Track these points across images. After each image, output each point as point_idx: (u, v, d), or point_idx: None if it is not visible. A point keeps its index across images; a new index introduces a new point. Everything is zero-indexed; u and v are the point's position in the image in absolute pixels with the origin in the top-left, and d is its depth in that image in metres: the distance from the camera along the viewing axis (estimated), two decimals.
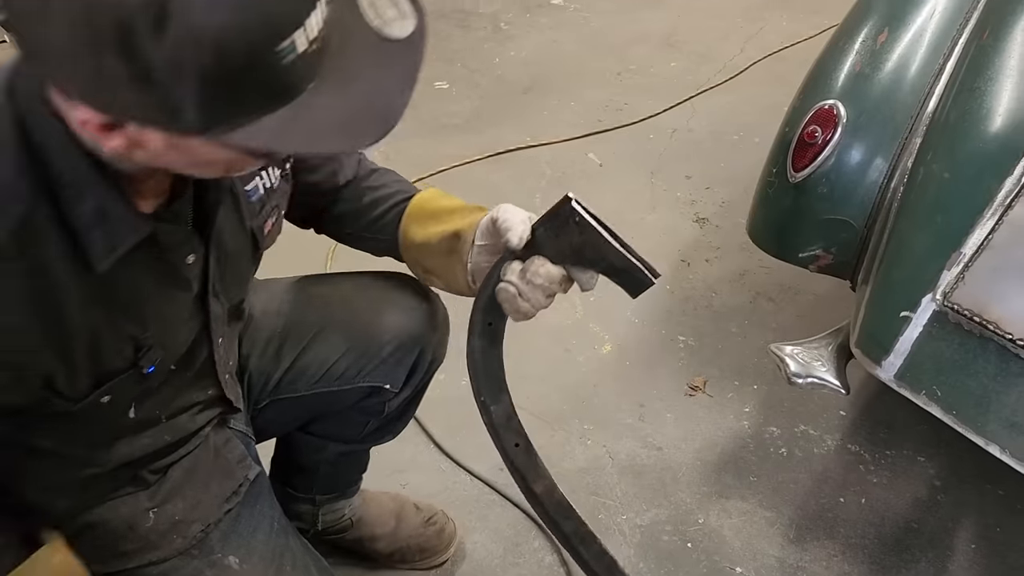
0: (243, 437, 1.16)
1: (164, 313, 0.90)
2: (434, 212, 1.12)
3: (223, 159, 0.71)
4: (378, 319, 1.20)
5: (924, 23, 1.50)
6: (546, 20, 3.83)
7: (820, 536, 1.60)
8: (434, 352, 1.26)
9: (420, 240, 1.11)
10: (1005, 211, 1.24)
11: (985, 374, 1.23)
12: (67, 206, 0.74)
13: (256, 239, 1.01)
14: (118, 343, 0.86)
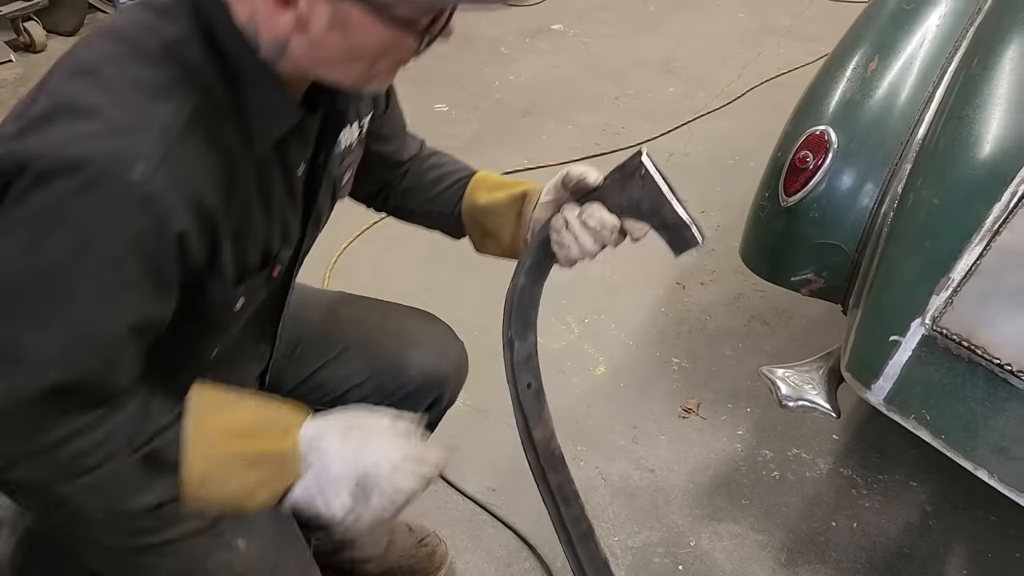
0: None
1: (283, 216, 0.94)
2: (498, 182, 1.18)
3: (375, 44, 0.78)
4: (407, 354, 1.24)
5: (914, 51, 1.52)
6: (546, 45, 3.87)
7: (811, 560, 1.60)
8: (451, 394, 1.30)
9: (484, 202, 1.16)
10: (993, 237, 1.25)
11: (974, 399, 1.24)
12: (239, 90, 0.81)
13: (335, 188, 1.06)
14: (255, 236, 0.90)
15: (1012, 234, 1.23)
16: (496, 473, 1.76)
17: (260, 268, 0.93)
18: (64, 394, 0.77)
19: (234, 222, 0.85)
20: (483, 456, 1.80)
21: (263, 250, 0.92)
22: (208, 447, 0.84)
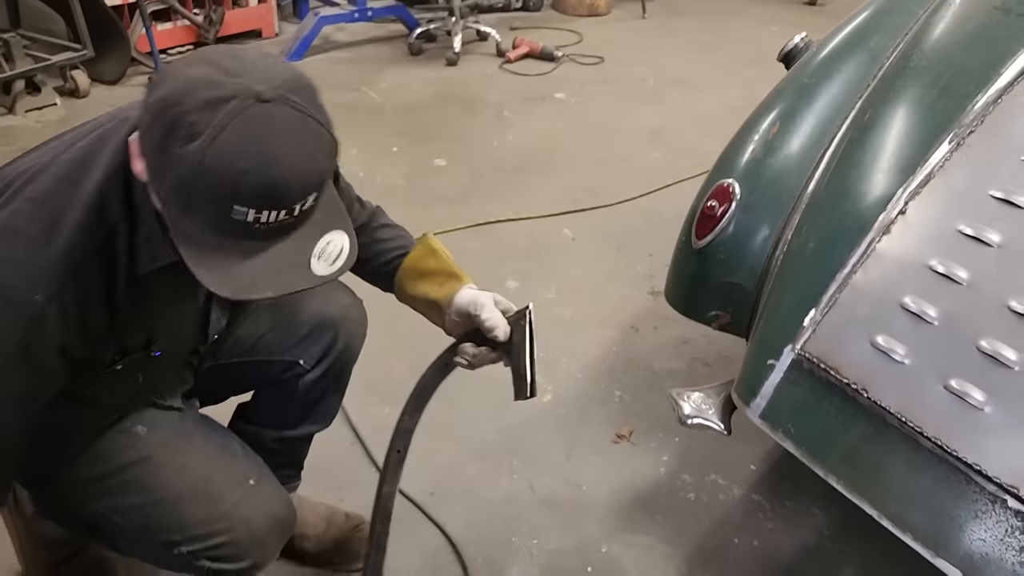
0: (183, 382, 1.42)
1: (175, 315, 1.22)
2: (422, 272, 1.36)
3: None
4: (300, 304, 1.47)
5: (811, 118, 1.74)
6: (546, 111, 4.16)
7: (710, 571, 1.75)
8: (347, 340, 1.49)
9: (410, 294, 1.38)
10: (850, 275, 1.44)
11: (828, 414, 1.42)
12: (135, 227, 1.05)
13: None
14: (138, 331, 1.16)
15: (865, 274, 1.43)
16: (435, 479, 1.94)
17: (141, 349, 1.19)
18: None
19: (116, 324, 1.11)
20: (426, 463, 1.98)
21: (146, 338, 1.18)
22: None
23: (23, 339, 1.01)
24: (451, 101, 4.24)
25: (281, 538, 1.36)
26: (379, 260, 1.41)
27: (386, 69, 4.71)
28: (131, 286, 1.09)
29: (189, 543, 1.25)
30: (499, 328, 1.23)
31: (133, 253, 1.07)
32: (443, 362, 1.29)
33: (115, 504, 1.27)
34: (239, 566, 1.29)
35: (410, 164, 3.55)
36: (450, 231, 2.99)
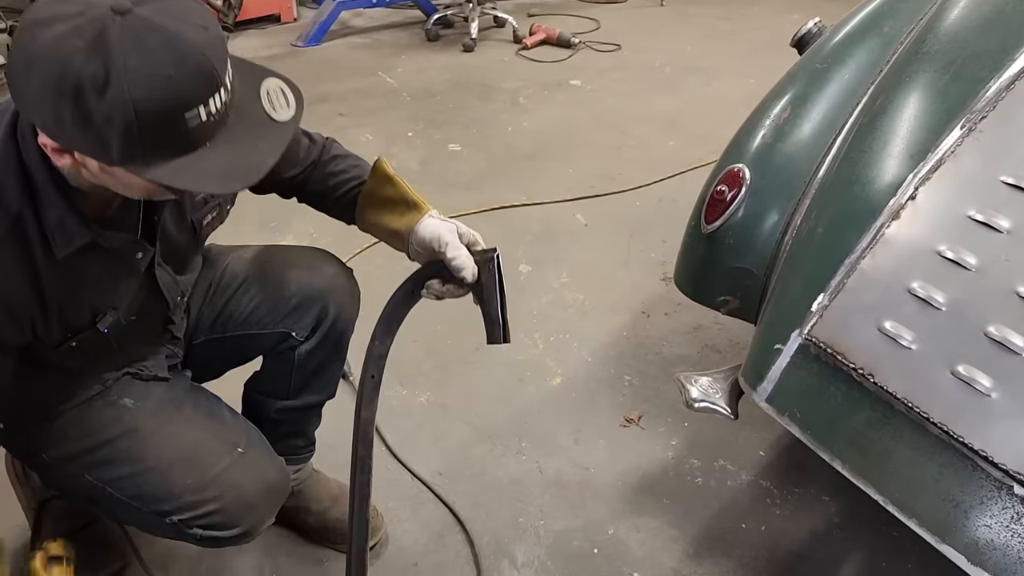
0: (172, 356, 1.45)
1: (116, 289, 1.21)
2: (380, 201, 1.36)
3: (140, 186, 0.98)
4: (287, 275, 1.49)
5: (822, 103, 1.73)
6: (562, 98, 4.15)
7: (717, 555, 1.76)
8: (337, 309, 1.50)
9: (371, 223, 1.38)
10: (858, 260, 1.44)
11: (835, 399, 1.42)
12: (41, 212, 1.05)
13: (196, 229, 1.30)
14: (78, 309, 1.17)
15: (873, 260, 1.42)
16: (444, 460, 1.96)
17: (88, 327, 1.20)
18: None
19: (51, 307, 1.12)
20: (436, 444, 2.00)
21: (91, 315, 1.19)
22: None
23: None
24: (467, 87, 4.24)
25: (274, 503, 1.37)
26: (337, 192, 1.42)
27: (403, 55, 4.72)
28: (54, 270, 1.09)
29: (179, 512, 1.27)
30: (467, 270, 1.20)
31: (46, 239, 1.06)
32: (409, 289, 1.26)
33: (105, 476, 1.29)
34: (231, 533, 1.31)
35: (425, 149, 3.56)
36: (464, 215, 3.00)
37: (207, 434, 1.33)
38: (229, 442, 1.34)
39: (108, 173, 0.96)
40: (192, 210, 1.27)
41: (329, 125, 3.77)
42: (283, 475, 1.39)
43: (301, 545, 1.73)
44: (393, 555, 1.73)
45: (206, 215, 1.31)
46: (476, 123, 3.82)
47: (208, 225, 1.33)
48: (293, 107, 1.01)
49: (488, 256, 1.22)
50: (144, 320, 1.30)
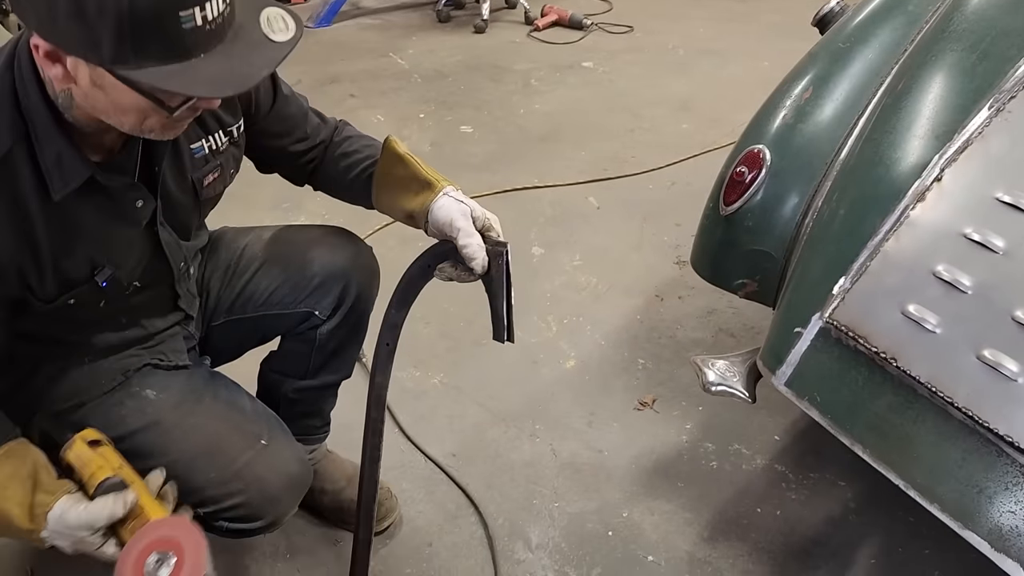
0: (189, 338, 1.43)
1: (115, 240, 1.18)
2: (393, 182, 1.35)
3: (132, 104, 0.96)
4: (309, 255, 1.47)
5: (845, 83, 1.70)
6: (574, 79, 4.12)
7: (731, 538, 1.75)
8: (359, 288, 1.49)
9: (387, 206, 1.37)
10: (881, 243, 1.42)
11: (856, 383, 1.40)
12: (37, 150, 1.03)
13: (196, 189, 1.28)
14: (75, 260, 1.13)
15: (897, 242, 1.40)
16: (458, 441, 1.95)
17: (85, 282, 1.17)
18: None
19: (45, 256, 1.09)
20: (450, 426, 1.99)
21: (89, 268, 1.16)
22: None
23: None
24: (479, 69, 4.21)
25: (296, 495, 1.36)
26: (350, 175, 1.40)
27: (414, 36, 4.68)
28: (50, 214, 1.06)
29: (204, 505, 1.26)
30: (477, 261, 1.18)
31: (41, 179, 1.04)
32: (425, 264, 1.25)
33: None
34: (257, 525, 1.30)
35: (437, 130, 3.53)
36: (476, 197, 2.96)
37: (229, 426, 1.31)
38: (252, 434, 1.32)
39: (99, 87, 0.94)
40: (192, 169, 1.25)
41: (341, 106, 3.75)
42: (305, 467, 1.38)
43: (316, 525, 1.72)
44: (407, 536, 1.72)
45: (207, 175, 1.28)
46: (488, 105, 3.79)
47: (209, 186, 1.30)
48: (292, 30, 0.99)
49: (498, 251, 1.20)
50: (149, 289, 1.29)
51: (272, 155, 1.42)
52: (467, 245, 1.18)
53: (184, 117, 1.03)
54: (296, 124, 1.40)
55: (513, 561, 1.67)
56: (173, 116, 0.99)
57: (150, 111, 0.98)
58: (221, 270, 1.49)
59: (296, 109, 1.41)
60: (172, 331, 1.41)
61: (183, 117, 1.02)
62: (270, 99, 1.35)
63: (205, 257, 1.49)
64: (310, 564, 1.66)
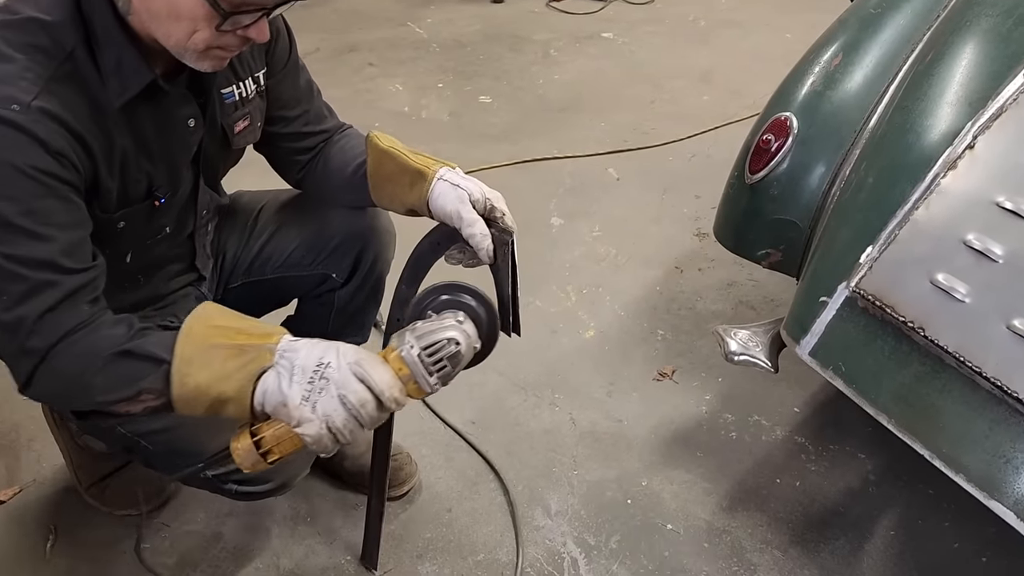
0: (201, 298, 1.44)
1: (170, 160, 1.19)
2: (385, 178, 1.31)
3: (188, 9, 0.97)
4: (328, 216, 1.47)
5: (875, 50, 1.68)
6: (594, 50, 4.08)
7: (750, 508, 1.75)
8: (376, 252, 1.49)
9: (387, 203, 1.35)
10: (911, 211, 1.40)
11: (882, 353, 1.39)
12: (97, 53, 1.03)
13: (227, 135, 1.28)
14: (137, 172, 1.14)
15: (927, 210, 1.38)
16: (477, 409, 1.96)
17: (142, 200, 1.17)
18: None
19: (112, 160, 1.09)
20: (469, 393, 1.99)
21: (147, 186, 1.16)
22: (200, 337, 1.02)
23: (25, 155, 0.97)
24: (497, 38, 4.17)
25: (307, 458, 1.36)
26: (348, 169, 1.38)
27: (432, 5, 4.64)
28: (114, 117, 1.07)
29: (213, 467, 1.24)
30: (483, 251, 1.17)
31: (104, 83, 1.05)
32: (435, 241, 1.24)
33: (139, 429, 1.28)
34: (265, 487, 1.30)
35: (455, 100, 3.51)
36: (495, 167, 2.97)
37: None
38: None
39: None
40: (223, 115, 1.25)
41: (359, 75, 3.73)
42: None
43: (336, 488, 1.73)
44: (427, 501, 1.73)
45: (237, 121, 1.29)
46: (507, 75, 3.76)
47: (239, 135, 1.30)
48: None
49: (504, 239, 1.18)
50: (173, 237, 1.29)
51: (277, 133, 1.40)
52: (471, 235, 1.17)
53: (226, 44, 1.03)
54: (304, 97, 1.40)
55: (532, 527, 1.68)
56: (220, 29, 1.00)
57: (201, 21, 0.99)
58: (238, 232, 1.50)
59: (306, 84, 1.41)
60: (184, 291, 1.42)
61: (226, 43, 1.03)
62: (286, 54, 1.35)
63: (222, 219, 1.48)
64: (330, 528, 1.66)
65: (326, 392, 0.97)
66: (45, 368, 1.02)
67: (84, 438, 1.65)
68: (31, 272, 0.99)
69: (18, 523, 1.65)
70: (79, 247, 1.04)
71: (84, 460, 1.66)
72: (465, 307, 1.11)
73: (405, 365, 1.03)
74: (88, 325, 1.03)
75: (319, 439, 0.98)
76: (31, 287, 0.99)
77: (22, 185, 0.97)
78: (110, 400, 1.03)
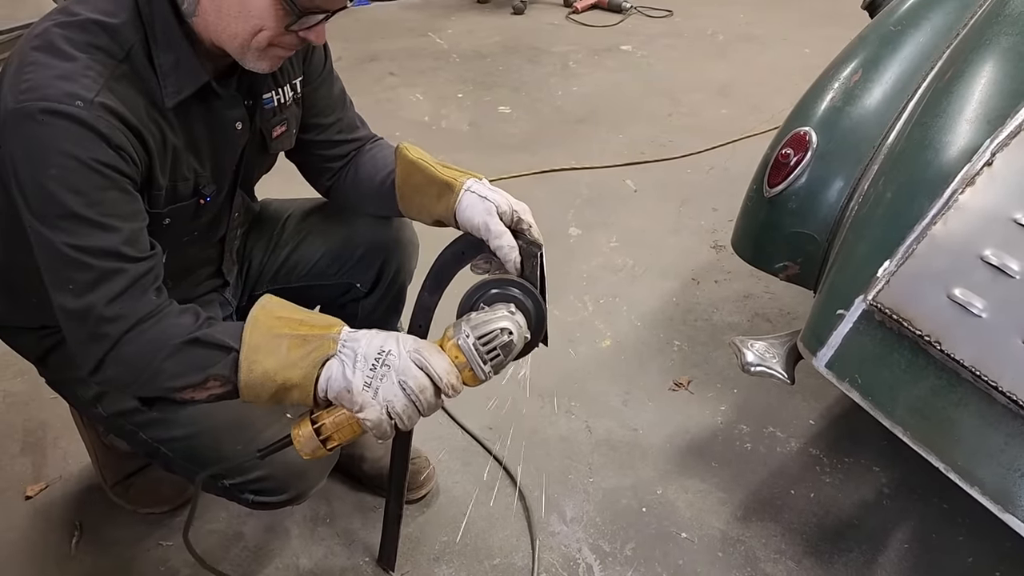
0: (225, 304, 1.47)
1: (217, 160, 1.23)
2: (413, 189, 1.33)
3: (260, 7, 1.02)
4: (354, 226, 1.51)
5: (895, 67, 1.70)
6: (612, 63, 4.11)
7: (765, 518, 1.76)
8: (399, 262, 1.53)
9: (415, 214, 1.36)
10: (929, 226, 1.41)
11: (898, 366, 1.40)
12: (154, 54, 1.08)
13: (265, 139, 1.32)
14: (187, 171, 1.18)
15: (945, 226, 1.40)
16: (494, 415, 1.97)
17: (189, 197, 1.21)
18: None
19: (165, 157, 1.13)
20: (487, 400, 2.01)
21: (194, 184, 1.20)
22: (266, 327, 1.05)
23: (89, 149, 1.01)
24: (517, 50, 4.22)
25: (322, 468, 1.37)
26: (378, 177, 1.40)
27: (453, 16, 4.69)
28: (168, 115, 1.11)
29: (230, 476, 1.28)
30: (510, 262, 1.19)
31: (161, 82, 1.09)
32: (460, 250, 1.26)
33: (159, 435, 1.31)
34: (281, 498, 1.32)
35: (475, 110, 3.55)
36: (514, 177, 3.00)
37: None
38: (277, 407, 1.30)
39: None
40: (261, 120, 1.29)
41: (380, 84, 3.78)
42: None
43: (355, 491, 1.76)
44: (444, 505, 1.75)
45: (275, 126, 1.32)
46: (526, 86, 3.80)
47: (277, 139, 1.34)
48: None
49: (532, 251, 1.21)
50: (204, 240, 1.33)
51: (311, 141, 1.43)
52: (499, 247, 1.19)
53: (287, 44, 1.08)
54: (338, 106, 1.43)
55: (548, 533, 1.70)
56: (289, 28, 1.04)
57: (271, 20, 1.04)
58: (264, 240, 1.53)
59: (340, 93, 1.45)
60: (209, 297, 1.45)
61: (287, 43, 1.08)
62: (322, 63, 1.39)
63: (249, 226, 1.52)
64: (348, 529, 1.69)
65: (387, 378, 1.01)
66: (115, 354, 1.05)
67: (110, 437, 1.68)
68: (97, 261, 1.03)
69: (44, 519, 1.69)
70: (139, 236, 1.08)
71: (109, 459, 1.69)
72: (515, 299, 1.13)
73: (461, 353, 1.05)
74: (157, 314, 1.07)
75: (379, 424, 1.01)
76: (99, 275, 1.03)
77: (87, 178, 1.01)
78: (178, 386, 1.07)
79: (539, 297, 1.16)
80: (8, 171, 1.03)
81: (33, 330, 1.33)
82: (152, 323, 1.06)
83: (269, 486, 1.30)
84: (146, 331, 1.06)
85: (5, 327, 1.38)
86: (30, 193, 1.02)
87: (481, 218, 1.20)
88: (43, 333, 1.33)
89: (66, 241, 1.01)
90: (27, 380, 1.99)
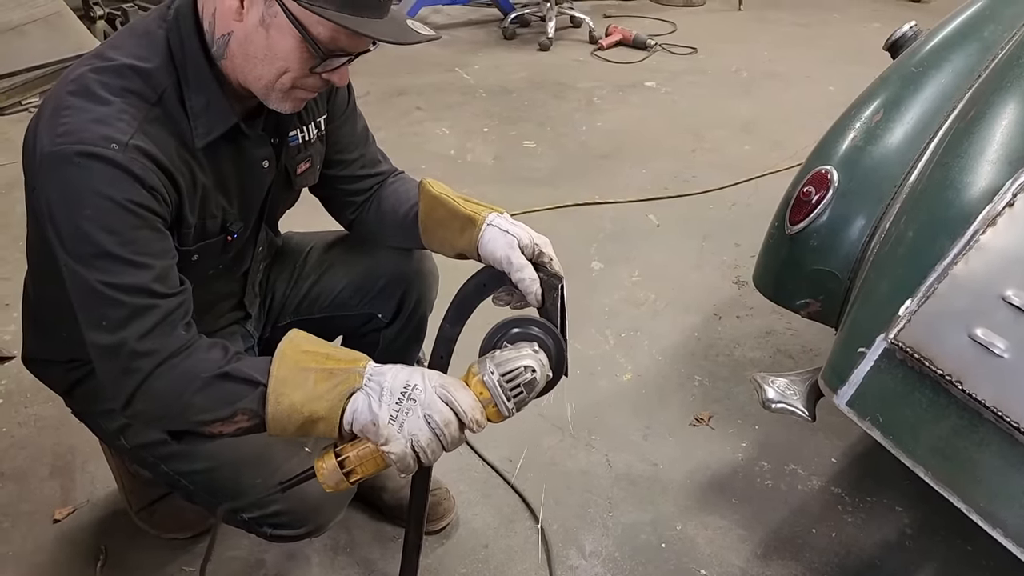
0: (247, 336, 1.50)
1: (244, 198, 1.27)
2: (436, 223, 1.35)
3: (286, 50, 1.06)
4: (376, 257, 1.54)
5: (916, 107, 1.71)
6: (637, 99, 4.15)
7: (785, 557, 1.75)
8: (419, 293, 1.55)
9: (437, 247, 1.39)
10: (950, 266, 1.42)
11: (919, 405, 1.40)
12: (186, 96, 1.13)
13: (290, 175, 1.36)
14: (215, 209, 1.22)
15: (966, 265, 1.40)
16: (514, 447, 1.99)
17: (217, 234, 1.25)
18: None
19: (194, 195, 1.17)
20: (506, 432, 2.01)
21: (221, 221, 1.24)
22: (292, 361, 1.08)
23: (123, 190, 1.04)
24: (542, 85, 4.27)
25: (340, 503, 1.38)
26: (402, 210, 1.42)
27: (480, 52, 4.77)
28: (198, 155, 1.15)
29: (249, 510, 1.30)
30: (531, 295, 1.20)
31: (191, 123, 1.13)
32: (481, 283, 1.27)
33: (179, 468, 1.33)
34: (299, 532, 1.33)
35: (500, 145, 3.60)
36: (537, 211, 3.03)
37: None
38: (295, 441, 1.34)
39: (264, 27, 1.06)
40: (286, 157, 1.32)
41: (407, 118, 3.84)
42: None
43: (376, 520, 1.77)
44: (464, 537, 1.76)
45: (300, 163, 1.36)
46: (551, 121, 3.84)
47: (301, 175, 1.38)
48: (430, 32, 1.13)
49: (553, 284, 1.22)
50: (228, 274, 1.36)
51: (335, 176, 1.46)
52: (521, 279, 1.21)
53: (309, 86, 1.12)
54: (361, 142, 1.47)
55: (567, 567, 1.70)
56: (313, 71, 1.08)
57: (295, 62, 1.07)
58: (287, 272, 1.56)
59: (363, 129, 1.49)
60: (231, 330, 1.48)
61: (309, 85, 1.12)
62: (345, 101, 1.43)
63: (272, 259, 1.55)
64: (368, 559, 1.70)
65: (413, 412, 1.03)
66: (145, 389, 1.08)
67: (134, 467, 1.71)
68: (130, 298, 1.06)
69: (71, 542, 1.71)
70: (170, 273, 1.12)
71: (135, 485, 1.72)
72: (536, 339, 1.15)
73: (486, 389, 1.08)
74: (187, 349, 1.10)
75: (403, 457, 1.03)
76: (131, 312, 1.06)
77: (121, 217, 1.04)
78: (207, 420, 1.10)
79: (560, 336, 1.17)
80: (43, 211, 1.07)
81: (61, 363, 1.37)
82: (182, 358, 1.09)
83: (287, 520, 1.32)
84: (177, 366, 1.08)
85: (34, 360, 1.42)
86: (65, 233, 1.05)
87: (503, 251, 1.22)
88: (71, 366, 1.36)
89: (100, 279, 1.05)
90: (57, 405, 2.02)
